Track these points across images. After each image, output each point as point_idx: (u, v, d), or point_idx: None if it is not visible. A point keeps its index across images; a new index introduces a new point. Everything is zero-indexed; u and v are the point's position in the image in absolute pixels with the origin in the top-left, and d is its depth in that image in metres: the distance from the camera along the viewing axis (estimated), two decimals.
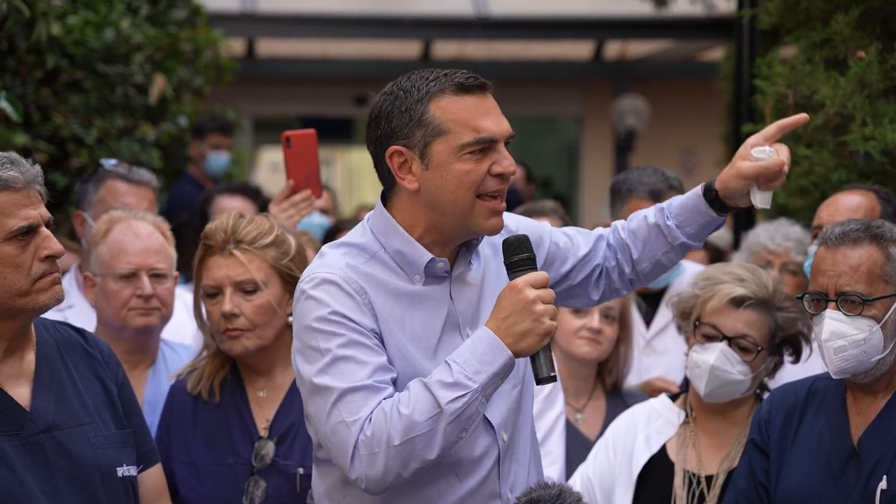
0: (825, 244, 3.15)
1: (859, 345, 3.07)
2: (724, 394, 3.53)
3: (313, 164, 4.14)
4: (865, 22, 4.55)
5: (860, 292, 3.07)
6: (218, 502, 3.33)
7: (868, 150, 4.33)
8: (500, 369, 2.69)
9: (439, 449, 2.67)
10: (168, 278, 3.72)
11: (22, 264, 2.79)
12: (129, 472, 2.94)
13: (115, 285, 3.65)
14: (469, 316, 2.89)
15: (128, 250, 3.65)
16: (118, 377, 3.03)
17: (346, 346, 2.73)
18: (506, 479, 2.89)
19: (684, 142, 14.65)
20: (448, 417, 2.65)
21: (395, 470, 2.67)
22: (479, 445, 2.84)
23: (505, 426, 2.89)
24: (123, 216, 3.76)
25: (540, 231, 3.06)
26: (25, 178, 2.80)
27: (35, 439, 2.80)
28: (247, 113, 12.48)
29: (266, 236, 3.40)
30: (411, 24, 12.72)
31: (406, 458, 2.66)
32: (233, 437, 3.37)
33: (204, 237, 3.43)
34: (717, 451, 3.55)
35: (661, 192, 4.41)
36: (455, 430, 2.67)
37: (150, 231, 3.71)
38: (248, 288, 3.37)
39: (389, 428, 2.66)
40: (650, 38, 13.89)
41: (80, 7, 6.15)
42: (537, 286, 2.72)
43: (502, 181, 2.79)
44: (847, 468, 3.11)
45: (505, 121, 2.81)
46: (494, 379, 2.69)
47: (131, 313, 3.65)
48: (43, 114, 5.96)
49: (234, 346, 3.38)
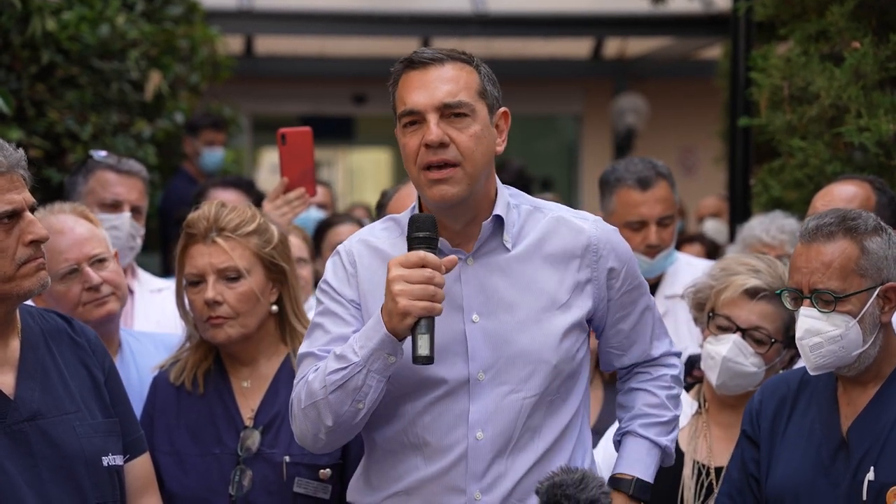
0: (801, 239, 3.13)
1: (836, 341, 3.04)
2: (737, 386, 3.50)
3: (308, 161, 4.13)
4: (860, 13, 4.54)
5: (832, 289, 3.04)
6: (203, 492, 3.31)
7: (863, 141, 4.31)
8: (378, 345, 2.76)
9: (332, 416, 2.81)
10: (109, 260, 3.61)
11: (6, 249, 2.77)
12: (115, 462, 2.91)
13: (60, 287, 3.53)
14: (481, 300, 2.89)
15: (59, 248, 3.52)
16: (105, 365, 3.00)
17: (322, 314, 2.95)
18: (477, 478, 2.87)
19: (683, 140, 14.64)
20: (329, 388, 2.80)
21: (310, 432, 2.87)
22: (449, 435, 2.87)
23: (483, 426, 2.87)
24: (40, 216, 3.56)
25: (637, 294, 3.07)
26: (9, 163, 2.78)
27: (18, 428, 2.78)
28: (245, 112, 12.49)
29: (248, 224, 3.40)
30: (410, 22, 12.72)
31: (313, 421, 2.85)
32: (218, 428, 3.36)
33: (186, 226, 3.41)
34: (728, 444, 3.51)
35: (649, 179, 4.40)
36: (342, 400, 2.79)
37: (73, 221, 3.60)
38: (231, 275, 3.35)
39: (301, 392, 2.88)
40: (649, 36, 13.88)
41: (75, 3, 6.15)
42: (406, 265, 2.74)
43: (434, 152, 2.81)
44: (836, 459, 3.09)
45: (440, 91, 2.82)
46: (377, 354, 2.76)
47: (87, 308, 3.54)
48: (38, 109, 5.96)
49: (217, 334, 3.36)
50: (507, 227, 2.92)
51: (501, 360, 2.89)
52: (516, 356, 2.89)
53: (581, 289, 2.95)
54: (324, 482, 3.29)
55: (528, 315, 2.90)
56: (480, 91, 2.89)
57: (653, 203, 4.39)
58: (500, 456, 2.89)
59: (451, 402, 2.88)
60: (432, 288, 2.73)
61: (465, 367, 2.88)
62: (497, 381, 2.88)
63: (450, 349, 2.87)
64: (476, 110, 2.86)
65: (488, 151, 2.88)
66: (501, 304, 2.89)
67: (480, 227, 2.91)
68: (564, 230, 2.97)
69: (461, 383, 2.87)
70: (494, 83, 2.95)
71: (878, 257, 3.06)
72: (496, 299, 2.90)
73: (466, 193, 2.85)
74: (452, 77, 2.85)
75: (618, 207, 4.42)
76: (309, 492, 3.28)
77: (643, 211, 4.39)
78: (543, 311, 2.91)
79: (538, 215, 2.99)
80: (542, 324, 2.91)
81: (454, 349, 2.87)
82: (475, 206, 2.91)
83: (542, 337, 2.90)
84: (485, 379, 2.87)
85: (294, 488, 3.28)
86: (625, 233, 4.35)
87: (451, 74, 2.86)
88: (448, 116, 2.83)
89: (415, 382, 2.89)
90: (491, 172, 2.93)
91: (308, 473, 3.29)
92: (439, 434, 2.87)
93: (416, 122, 2.84)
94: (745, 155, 6.06)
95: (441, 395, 2.88)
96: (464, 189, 2.84)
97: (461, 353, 2.88)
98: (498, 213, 2.91)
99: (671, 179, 4.45)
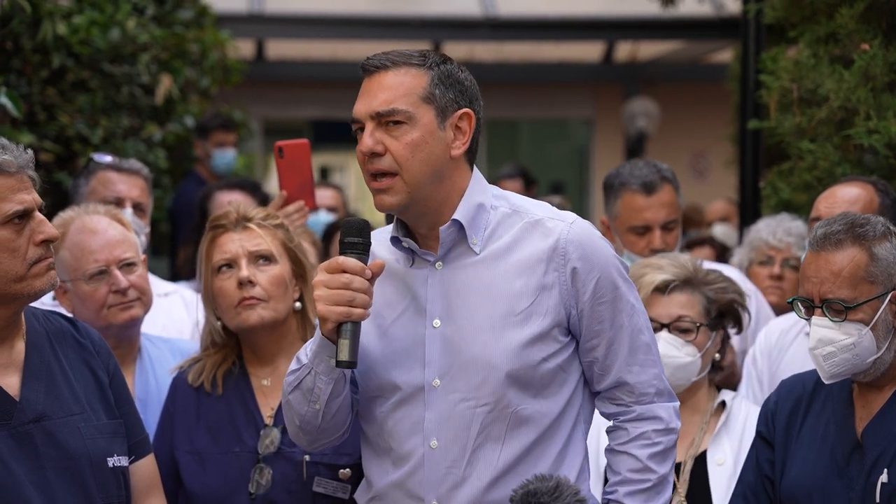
0: (810, 247, 3.10)
1: (849, 349, 3.02)
2: (680, 379, 3.54)
3: (307, 173, 4.14)
4: (870, 16, 4.54)
5: (843, 298, 3.02)
6: (223, 490, 3.31)
7: (872, 143, 4.30)
8: (318, 347, 2.81)
9: (297, 416, 2.89)
10: (138, 265, 3.65)
11: (18, 249, 2.78)
12: (121, 463, 2.92)
13: (88, 287, 3.56)
14: (443, 306, 2.84)
15: (91, 248, 3.56)
16: (109, 367, 3.01)
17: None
18: (433, 486, 2.83)
19: (695, 144, 14.62)
20: (286, 389, 2.90)
21: (292, 427, 2.95)
22: (408, 442, 2.85)
23: (437, 434, 2.82)
24: (74, 214, 3.67)
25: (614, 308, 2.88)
26: (18, 163, 2.79)
27: (24, 429, 2.78)
28: (256, 116, 12.50)
29: (274, 218, 3.50)
30: (420, 26, 12.73)
31: (290, 419, 2.94)
32: (237, 427, 3.36)
33: (212, 221, 3.46)
34: (681, 440, 3.46)
35: (654, 183, 4.37)
36: (301, 400, 2.86)
37: (106, 223, 3.63)
38: (264, 258, 3.39)
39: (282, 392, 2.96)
40: (660, 39, 13.87)
41: (85, 7, 6.17)
42: (331, 271, 2.74)
43: (367, 160, 2.80)
44: (851, 461, 3.08)
45: (376, 100, 2.78)
46: (320, 357, 2.81)
47: (112, 311, 3.57)
48: (48, 113, 5.98)
49: (249, 316, 3.36)
50: (474, 230, 2.84)
51: (455, 367, 2.81)
52: (468, 363, 2.81)
53: (548, 293, 2.83)
54: (343, 482, 3.28)
55: (485, 321, 2.81)
56: (426, 96, 2.78)
57: (657, 207, 4.37)
58: (456, 465, 2.82)
59: (409, 409, 2.84)
60: (349, 293, 2.71)
61: (422, 372, 2.83)
62: (450, 389, 2.82)
63: (410, 354, 2.84)
64: (414, 116, 2.77)
65: (431, 157, 2.78)
66: (462, 310, 2.83)
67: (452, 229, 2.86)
68: (536, 234, 2.86)
69: (417, 389, 2.83)
70: (453, 84, 2.82)
71: (889, 263, 3.04)
72: (457, 304, 2.83)
73: (407, 201, 2.80)
74: (392, 84, 2.79)
75: (622, 212, 4.40)
76: (328, 491, 3.28)
77: (647, 216, 4.37)
78: (502, 317, 2.81)
79: (515, 218, 2.88)
80: (498, 331, 2.81)
81: (414, 354, 2.84)
82: (433, 211, 2.84)
83: (495, 344, 2.80)
84: (439, 385, 2.82)
85: (314, 487, 3.28)
86: (629, 237, 4.37)
87: (391, 81, 2.79)
88: (385, 125, 2.78)
89: (377, 386, 2.88)
90: (451, 175, 2.84)
91: (328, 473, 3.28)
92: (399, 440, 2.85)
93: (361, 129, 2.81)
94: (755, 158, 6.05)
95: (399, 401, 2.85)
96: (403, 198, 2.79)
97: (419, 359, 2.84)
98: (457, 217, 2.83)
99: (676, 183, 4.43)
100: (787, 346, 4.15)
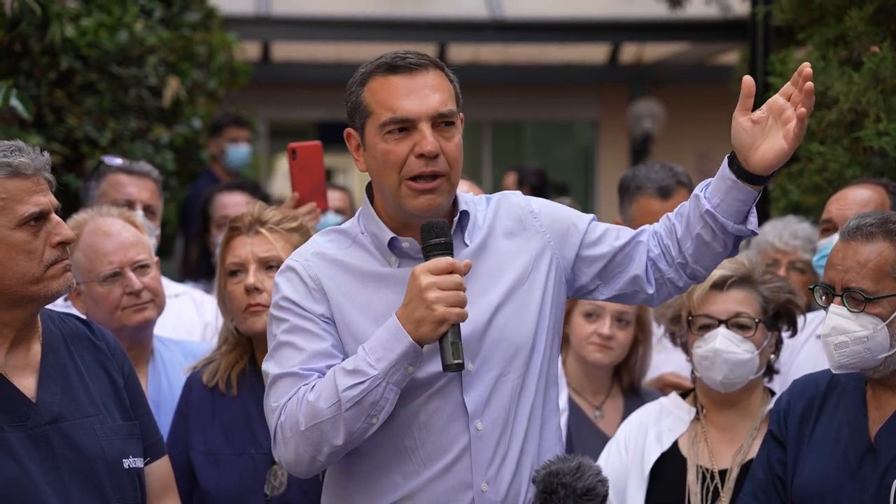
0: (840, 236, 3.12)
1: (862, 342, 3.02)
2: (739, 376, 3.49)
3: (319, 175, 4.15)
4: (879, 18, 4.54)
5: (864, 289, 3.02)
6: (238, 491, 3.33)
7: (882, 145, 4.30)
8: (401, 356, 2.70)
9: (345, 435, 2.72)
10: (151, 267, 3.67)
11: (34, 251, 2.79)
12: (136, 464, 2.92)
13: (101, 288, 3.59)
14: None
15: (105, 250, 3.59)
16: (124, 369, 3.02)
17: (288, 331, 2.83)
18: (481, 470, 2.84)
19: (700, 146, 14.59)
20: (346, 405, 2.70)
21: (308, 454, 2.75)
22: (448, 431, 2.83)
23: (480, 415, 2.84)
24: (88, 217, 3.69)
25: (571, 219, 3.01)
26: (35, 165, 2.81)
27: (40, 430, 2.79)
28: (262, 118, 12.51)
29: (291, 221, 3.49)
30: (427, 28, 12.74)
31: (316, 443, 2.73)
32: (253, 428, 3.37)
33: (231, 222, 3.49)
34: (729, 445, 3.52)
35: (670, 188, 4.38)
36: (358, 416, 2.71)
37: (120, 225, 3.65)
38: (273, 265, 3.39)
39: (298, 414, 2.74)
40: (666, 41, 13.87)
41: (93, 9, 6.19)
42: (436, 272, 2.70)
43: (427, 163, 2.78)
44: (864, 463, 3.07)
45: (432, 100, 2.78)
46: (398, 366, 2.70)
47: (126, 312, 3.60)
48: (57, 115, 5.99)
49: (255, 322, 3.38)
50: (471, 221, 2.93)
51: (486, 347, 2.85)
52: (497, 341, 2.86)
53: (541, 258, 2.94)
54: None
55: (499, 297, 2.88)
56: (457, 99, 2.86)
57: None
58: (501, 443, 2.86)
59: (444, 398, 2.84)
60: (463, 294, 2.71)
61: None
62: (486, 368, 2.85)
63: (436, 346, 2.82)
64: (458, 119, 2.85)
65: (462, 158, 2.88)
66: (476, 294, 2.84)
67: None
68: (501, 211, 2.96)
69: (452, 376, 2.83)
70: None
71: None
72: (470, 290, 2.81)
73: (449, 202, 2.87)
74: (438, 84, 2.82)
75: (637, 214, 4.41)
76: None
77: None
78: (512, 289, 2.89)
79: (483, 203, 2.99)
80: (514, 302, 2.88)
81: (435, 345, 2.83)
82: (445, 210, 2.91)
83: (516, 316, 2.88)
84: (473, 368, 2.84)
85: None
86: None
87: (435, 81, 2.81)
88: (438, 125, 2.80)
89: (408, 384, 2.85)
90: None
91: None
92: (438, 431, 2.83)
93: (404, 129, 2.79)
94: None
95: (433, 393, 2.84)
96: (448, 198, 2.85)
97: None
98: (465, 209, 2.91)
99: (691, 187, 4.42)
100: (799, 346, 4.15)
